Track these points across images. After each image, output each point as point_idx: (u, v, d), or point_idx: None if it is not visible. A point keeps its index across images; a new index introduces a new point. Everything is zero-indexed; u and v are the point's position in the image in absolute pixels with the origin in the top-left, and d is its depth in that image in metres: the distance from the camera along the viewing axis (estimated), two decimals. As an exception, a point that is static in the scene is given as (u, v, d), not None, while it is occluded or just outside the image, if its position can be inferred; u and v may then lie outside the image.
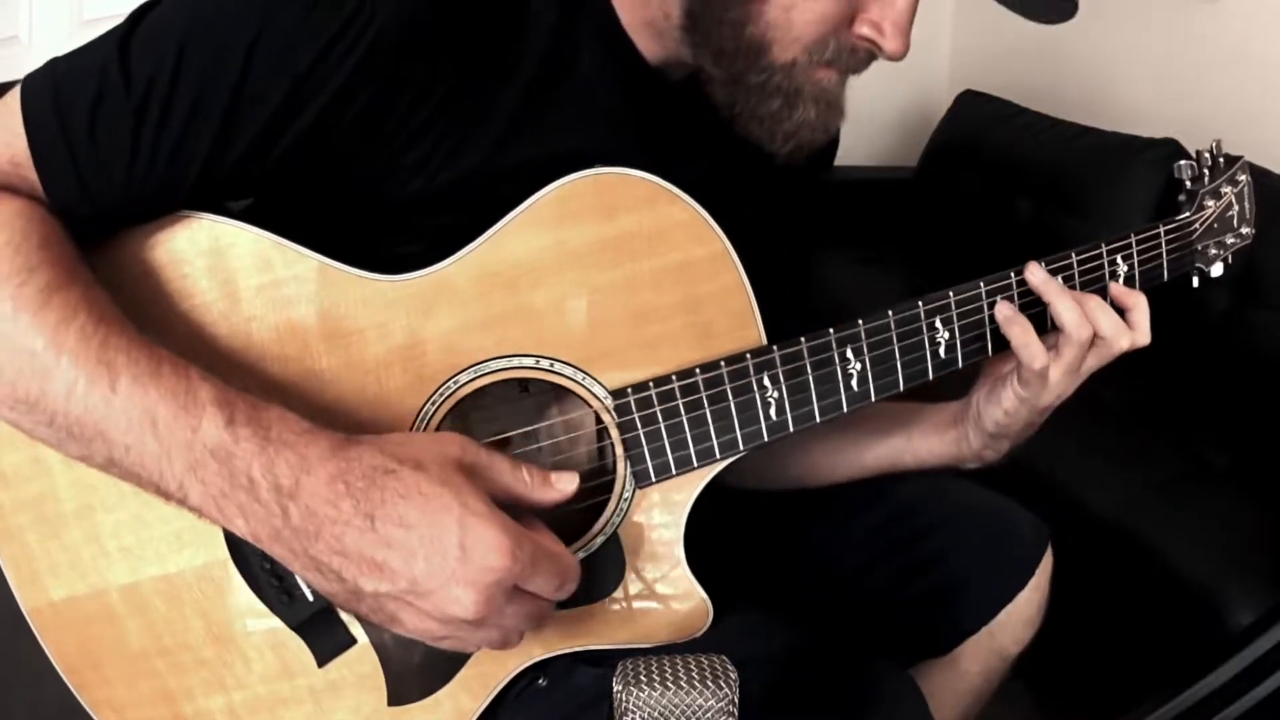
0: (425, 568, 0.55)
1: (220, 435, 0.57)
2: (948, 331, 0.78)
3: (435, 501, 0.56)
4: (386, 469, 0.57)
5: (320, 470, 0.56)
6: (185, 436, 0.57)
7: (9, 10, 1.94)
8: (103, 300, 0.60)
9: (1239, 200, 0.91)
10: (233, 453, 0.56)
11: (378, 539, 0.56)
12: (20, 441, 0.65)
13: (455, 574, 0.55)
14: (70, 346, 0.57)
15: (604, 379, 0.72)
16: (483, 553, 0.56)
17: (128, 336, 0.59)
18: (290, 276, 0.67)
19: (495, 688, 0.75)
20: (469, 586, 0.56)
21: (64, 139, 0.61)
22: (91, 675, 0.71)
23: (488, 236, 0.68)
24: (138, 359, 0.58)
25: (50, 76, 0.62)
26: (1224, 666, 1.03)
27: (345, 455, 0.57)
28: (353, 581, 0.56)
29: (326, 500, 0.56)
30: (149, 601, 0.70)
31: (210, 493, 0.57)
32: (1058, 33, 0.92)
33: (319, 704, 0.73)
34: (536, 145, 0.70)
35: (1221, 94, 1.84)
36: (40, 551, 0.69)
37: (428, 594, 0.56)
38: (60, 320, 0.57)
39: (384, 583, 0.56)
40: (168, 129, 0.61)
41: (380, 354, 0.68)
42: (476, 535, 0.56)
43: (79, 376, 0.57)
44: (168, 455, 0.57)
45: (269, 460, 0.56)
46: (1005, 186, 2.04)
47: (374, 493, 0.56)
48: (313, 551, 0.56)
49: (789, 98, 0.69)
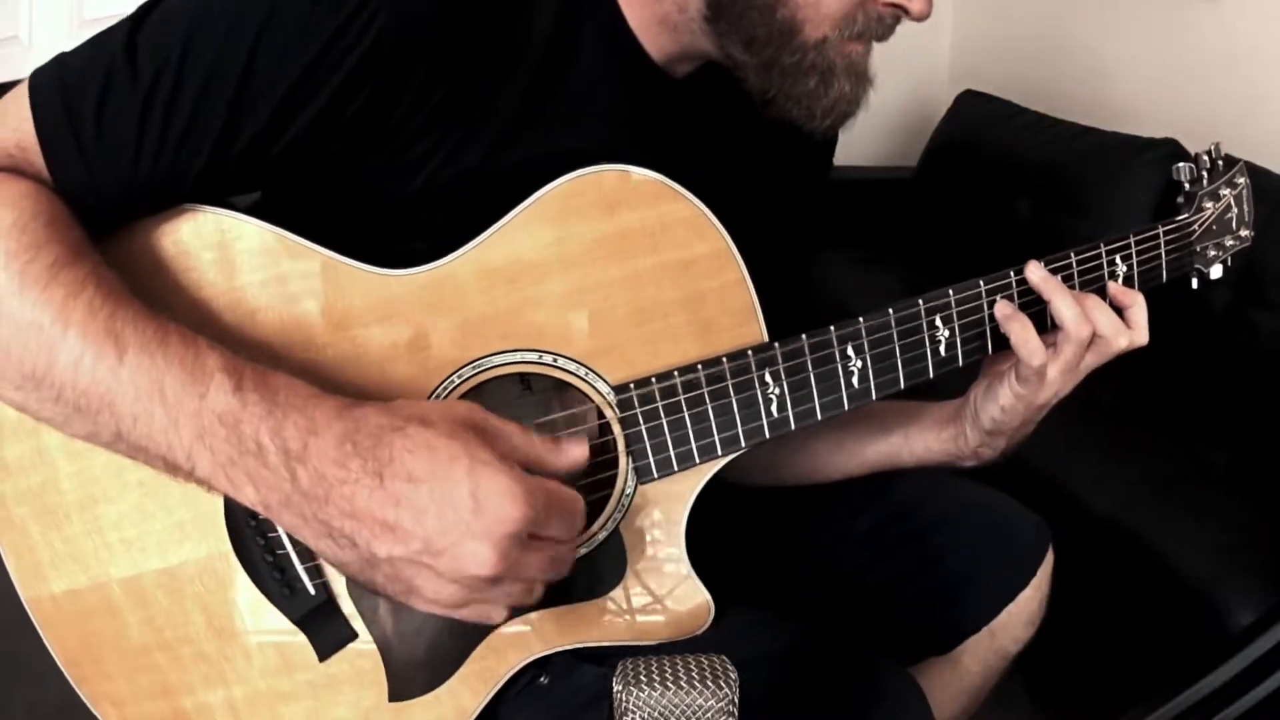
0: (438, 524, 0.54)
1: (228, 401, 0.56)
2: (948, 330, 0.78)
3: (443, 453, 0.55)
4: (394, 426, 0.56)
5: (327, 432, 0.56)
6: (193, 404, 0.56)
7: (9, 10, 1.94)
8: (110, 277, 0.60)
9: (1238, 203, 0.91)
10: (240, 418, 0.56)
11: (387, 496, 0.55)
12: (23, 432, 0.66)
13: (470, 527, 0.54)
14: (78, 320, 0.57)
15: (606, 375, 0.72)
16: (496, 503, 0.55)
17: (134, 310, 0.59)
18: (296, 270, 0.67)
19: (496, 683, 0.75)
20: (484, 539, 0.54)
21: (71, 129, 0.61)
22: (92, 669, 0.71)
23: (492, 232, 0.68)
24: (144, 329, 0.58)
25: (59, 68, 0.63)
26: (1224, 666, 1.02)
27: (352, 416, 0.57)
28: (365, 547, 0.55)
29: (335, 461, 0.55)
30: (150, 594, 0.70)
31: (219, 460, 0.57)
32: (1058, 33, 0.92)
33: (319, 699, 0.73)
34: (539, 143, 0.70)
35: (1221, 94, 1.84)
36: (42, 543, 0.69)
37: (442, 552, 0.55)
38: (68, 295, 0.57)
39: (397, 545, 0.55)
40: (173, 121, 0.62)
41: (385, 348, 0.69)
42: (488, 485, 0.55)
43: (86, 349, 0.57)
44: (175, 424, 0.57)
45: (277, 424, 0.56)
46: (1005, 186, 2.04)
47: (381, 450, 0.55)
48: (323, 515, 0.56)
49: (824, 75, 0.70)
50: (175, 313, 0.65)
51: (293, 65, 0.62)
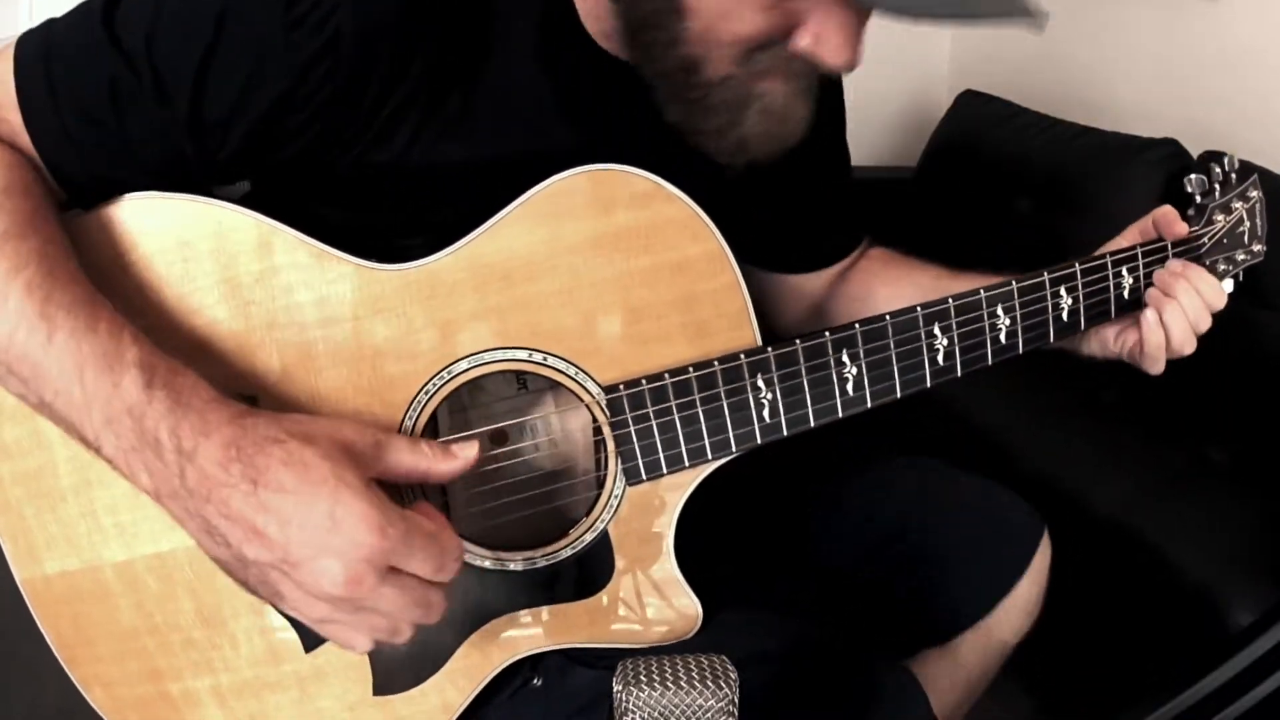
0: (298, 535, 0.56)
1: (138, 395, 0.59)
2: (946, 339, 0.78)
3: (314, 472, 0.57)
4: (276, 439, 0.58)
5: (217, 435, 0.58)
6: (106, 392, 0.59)
7: (9, 10, 1.94)
8: (56, 254, 0.62)
9: (1250, 216, 0.89)
10: (145, 413, 0.59)
11: (258, 503, 0.57)
12: (21, 415, 0.66)
13: (325, 544, 0.56)
14: (15, 295, 0.60)
15: (597, 375, 0.72)
16: (351, 525, 0.56)
17: (72, 292, 0.61)
18: (288, 263, 0.67)
19: (481, 681, 0.75)
20: (337, 558, 0.56)
21: (50, 97, 0.64)
22: (83, 651, 0.72)
23: (484, 229, 0.68)
24: (77, 315, 0.60)
25: (46, 32, 0.66)
26: (1224, 666, 1.02)
27: (242, 423, 0.59)
28: (238, 547, 0.58)
29: (219, 464, 0.57)
30: (141, 579, 0.70)
31: (122, 446, 0.59)
32: (1058, 33, 0.92)
33: (304, 690, 0.73)
34: (520, 140, 0.70)
35: (1221, 94, 1.84)
36: (37, 525, 0.69)
37: (299, 564, 0.57)
38: (10, 269, 0.60)
39: (263, 550, 0.57)
40: (142, 96, 0.64)
41: (375, 342, 0.69)
42: (347, 508, 0.57)
43: (20, 322, 0.60)
44: (89, 407, 0.59)
45: (175, 422, 0.58)
46: (1005, 186, 2.04)
47: (260, 459, 0.57)
48: (204, 513, 0.58)
49: (732, 111, 0.68)
50: (164, 304, 0.67)
51: (254, 43, 0.64)
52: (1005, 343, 0.80)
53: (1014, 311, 0.79)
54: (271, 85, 0.65)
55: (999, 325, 0.79)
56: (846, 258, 0.97)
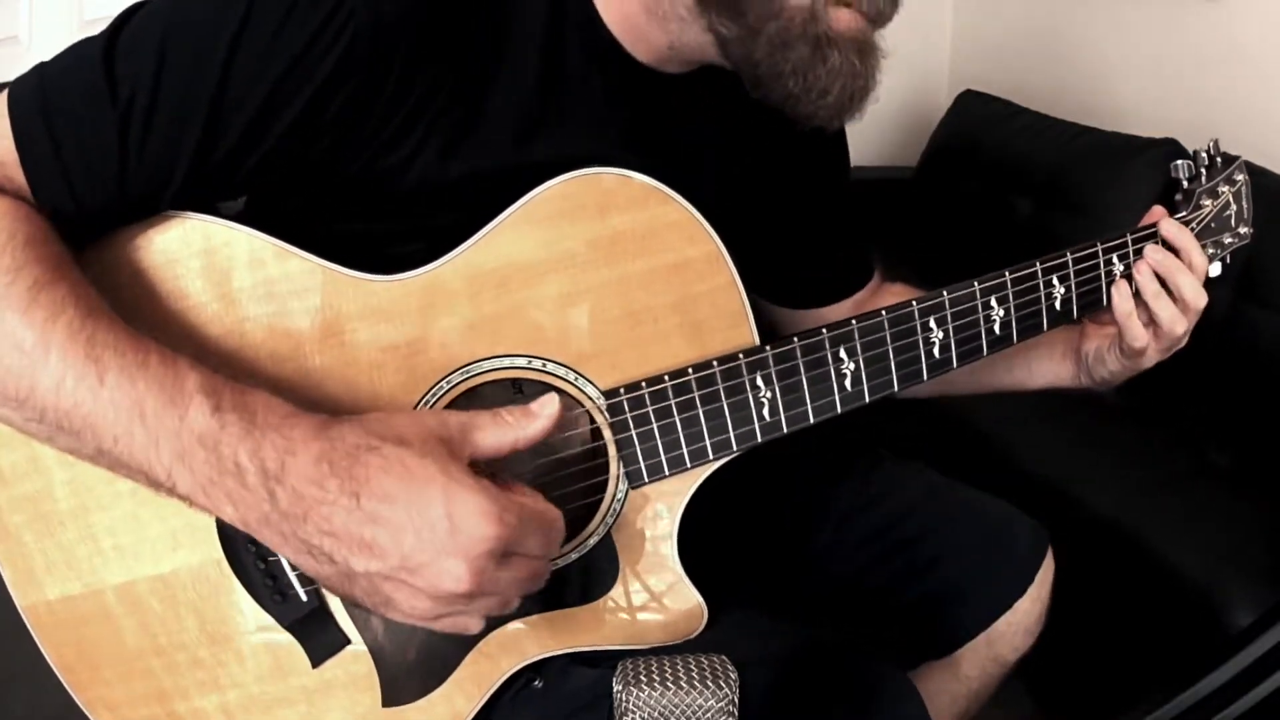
0: (414, 542, 0.55)
1: (207, 422, 0.56)
2: (941, 332, 0.78)
3: (419, 474, 0.55)
4: (369, 446, 0.56)
5: (304, 452, 0.56)
6: (173, 425, 0.57)
7: (9, 10, 1.94)
8: (90, 296, 0.60)
9: (1236, 200, 0.91)
10: (219, 439, 0.56)
11: (364, 516, 0.55)
12: (17, 441, 0.66)
13: (445, 546, 0.55)
14: (58, 343, 0.57)
15: (596, 379, 0.71)
16: (473, 522, 0.55)
17: (115, 331, 0.59)
18: (283, 276, 0.67)
19: (490, 688, 0.75)
20: (460, 558, 0.55)
21: (52, 146, 0.61)
22: (87, 674, 0.71)
23: (480, 236, 0.68)
24: (124, 351, 0.58)
25: (39, 80, 0.62)
26: (1224, 666, 1.02)
27: (328, 435, 0.57)
28: (344, 563, 0.56)
29: (312, 481, 0.55)
30: (144, 601, 0.70)
31: (199, 480, 0.57)
32: (1058, 33, 0.92)
33: (313, 704, 0.73)
34: (525, 147, 0.69)
35: (1221, 94, 1.84)
36: (36, 550, 0.69)
37: (419, 569, 0.55)
38: (48, 317, 0.57)
39: (374, 561, 0.55)
40: (151, 135, 0.62)
41: (373, 353, 0.68)
42: (463, 504, 0.55)
43: (67, 372, 0.57)
44: (155, 444, 0.57)
45: (255, 444, 0.56)
46: (1005, 186, 2.04)
47: (358, 470, 0.55)
48: (302, 534, 0.56)
49: (816, 43, 0.67)
50: (163, 321, 0.66)
51: (269, 72, 0.62)
52: (1000, 333, 0.80)
53: (1008, 302, 0.79)
54: (286, 113, 0.63)
55: (993, 316, 0.79)
56: (857, 293, 0.97)
